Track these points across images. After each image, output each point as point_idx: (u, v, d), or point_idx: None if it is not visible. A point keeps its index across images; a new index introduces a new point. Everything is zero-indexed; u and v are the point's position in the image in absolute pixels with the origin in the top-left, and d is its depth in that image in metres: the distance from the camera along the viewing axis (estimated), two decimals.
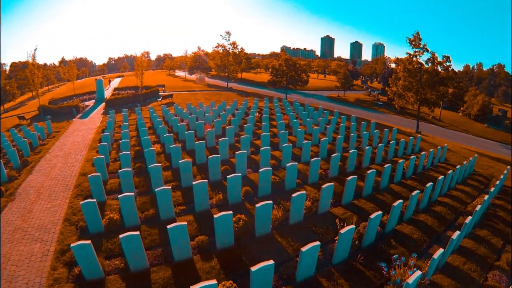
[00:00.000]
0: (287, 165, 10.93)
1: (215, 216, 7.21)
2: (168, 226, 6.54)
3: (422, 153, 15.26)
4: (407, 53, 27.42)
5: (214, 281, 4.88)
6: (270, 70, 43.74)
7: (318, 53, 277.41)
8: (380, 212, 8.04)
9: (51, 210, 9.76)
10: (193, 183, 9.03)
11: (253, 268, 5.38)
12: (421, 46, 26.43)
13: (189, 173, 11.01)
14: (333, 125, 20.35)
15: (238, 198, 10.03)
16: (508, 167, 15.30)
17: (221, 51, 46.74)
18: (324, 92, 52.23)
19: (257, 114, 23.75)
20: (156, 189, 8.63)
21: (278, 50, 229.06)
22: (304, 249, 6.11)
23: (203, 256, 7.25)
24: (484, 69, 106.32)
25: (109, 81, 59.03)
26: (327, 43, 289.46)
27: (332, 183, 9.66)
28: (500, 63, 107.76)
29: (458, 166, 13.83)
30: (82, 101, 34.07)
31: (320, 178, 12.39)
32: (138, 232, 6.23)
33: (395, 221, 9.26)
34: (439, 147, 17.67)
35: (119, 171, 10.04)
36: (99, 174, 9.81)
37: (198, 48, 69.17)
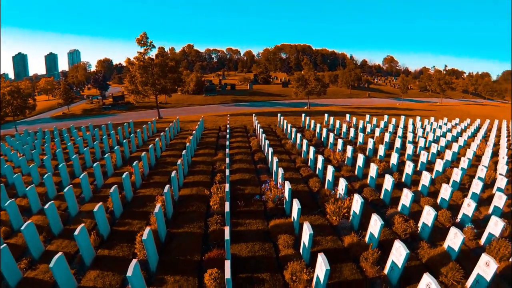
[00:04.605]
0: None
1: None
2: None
3: (166, 128, 19.84)
4: (137, 52, 29.68)
5: None
6: None
7: (11, 75, 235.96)
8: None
9: None
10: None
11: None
12: (147, 43, 29.35)
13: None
14: (104, 138, 19.25)
15: None
16: (202, 115, 24.22)
17: None
18: (45, 114, 46.14)
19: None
20: None
21: None
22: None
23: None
24: (176, 51, 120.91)
25: None
26: (20, 61, 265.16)
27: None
28: (189, 43, 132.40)
29: (168, 126, 20.25)
30: None
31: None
32: None
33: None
34: (174, 121, 22.79)
35: None
36: None
37: None
